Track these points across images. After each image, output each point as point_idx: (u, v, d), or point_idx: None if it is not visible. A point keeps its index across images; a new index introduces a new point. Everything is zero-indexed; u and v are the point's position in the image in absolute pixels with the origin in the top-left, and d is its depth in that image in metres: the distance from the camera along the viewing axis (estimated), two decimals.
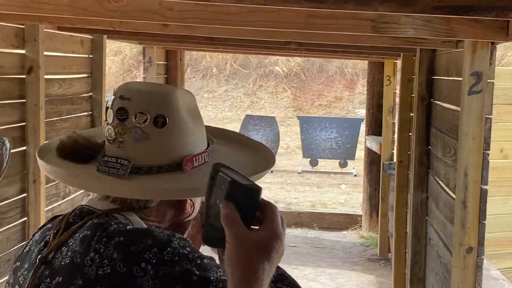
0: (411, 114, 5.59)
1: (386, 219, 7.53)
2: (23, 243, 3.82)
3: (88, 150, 1.32)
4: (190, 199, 1.34)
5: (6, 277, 1.30)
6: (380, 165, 7.86)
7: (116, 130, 1.27)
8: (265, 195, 7.81)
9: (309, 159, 13.17)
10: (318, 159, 13.16)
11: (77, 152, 1.31)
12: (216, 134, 1.44)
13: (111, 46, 18.36)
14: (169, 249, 1.13)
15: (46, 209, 4.74)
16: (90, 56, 5.74)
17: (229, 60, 22.54)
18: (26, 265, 1.25)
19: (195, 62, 22.07)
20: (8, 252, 4.27)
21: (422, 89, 4.77)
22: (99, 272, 1.12)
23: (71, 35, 5.31)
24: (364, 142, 8.77)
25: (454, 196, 3.65)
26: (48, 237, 1.26)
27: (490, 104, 3.24)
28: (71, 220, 1.26)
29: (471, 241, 3.30)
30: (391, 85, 7.67)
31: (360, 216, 8.87)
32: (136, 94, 1.28)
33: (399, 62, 6.94)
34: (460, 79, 3.46)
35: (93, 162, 1.30)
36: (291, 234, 8.31)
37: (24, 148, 4.51)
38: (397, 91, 6.80)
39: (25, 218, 4.56)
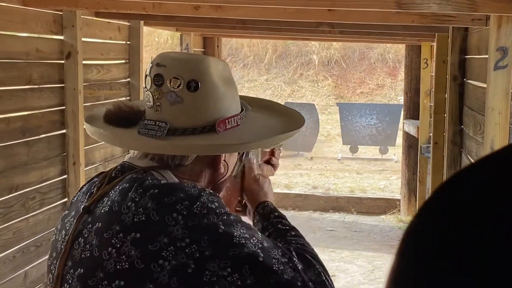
0: (446, 95, 5.59)
1: None
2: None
3: (130, 115, 1.43)
4: (224, 160, 1.44)
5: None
6: (418, 149, 7.85)
7: (153, 95, 1.37)
8: (303, 180, 7.91)
9: (349, 146, 13.16)
10: (358, 146, 13.14)
11: (120, 117, 1.43)
12: (251, 102, 1.55)
13: (148, 38, 18.58)
14: (198, 202, 1.24)
15: None
16: (128, 42, 5.88)
17: (269, 49, 22.59)
18: (73, 213, 1.39)
19: (235, 51, 22.19)
20: (49, 231, 4.43)
21: (455, 69, 4.78)
22: (135, 219, 1.25)
23: (109, 22, 5.44)
24: (402, 126, 8.75)
25: None
26: (93, 189, 1.39)
27: None
28: (113, 174, 1.39)
29: None
30: (428, 68, 7.64)
31: (399, 200, 8.86)
32: (171, 61, 1.38)
33: (435, 45, 6.92)
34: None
35: (135, 127, 1.41)
36: (329, 219, 8.36)
37: (64, 131, 4.66)
38: (433, 73, 6.78)
39: (66, 199, 4.71)
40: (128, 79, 5.90)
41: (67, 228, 1.37)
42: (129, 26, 5.85)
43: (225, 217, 1.25)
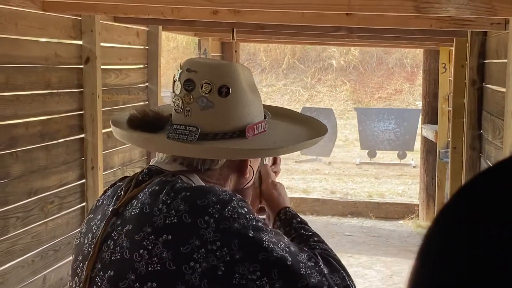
0: (464, 100, 5.56)
1: None
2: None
3: (157, 120, 1.44)
4: (250, 165, 1.46)
5: (70, 258, 1.45)
6: (436, 154, 7.81)
7: (183, 100, 1.39)
8: (321, 185, 7.89)
9: (367, 151, 13.12)
10: (377, 151, 13.09)
11: (147, 122, 1.43)
12: (270, 111, 1.57)
13: (163, 43, 18.66)
14: (229, 207, 1.26)
15: None
16: (146, 47, 5.91)
17: (287, 54, 22.61)
18: (99, 216, 1.39)
19: (253, 56, 22.23)
20: (68, 235, 4.46)
21: (473, 73, 4.75)
22: (167, 221, 1.26)
23: (127, 27, 5.47)
24: (421, 131, 8.71)
25: None
26: (119, 193, 1.39)
27: None
28: (140, 178, 1.39)
29: None
30: (446, 73, 7.61)
31: (417, 205, 8.81)
32: (202, 67, 1.39)
33: (453, 49, 6.89)
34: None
35: (161, 132, 1.42)
36: (347, 224, 8.33)
37: (83, 135, 4.69)
38: (452, 78, 6.74)
39: (84, 204, 4.74)
40: (146, 84, 5.92)
41: (94, 231, 1.38)
42: (147, 31, 5.88)
43: (254, 222, 1.26)
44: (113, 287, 1.29)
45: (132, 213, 1.32)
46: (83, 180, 4.73)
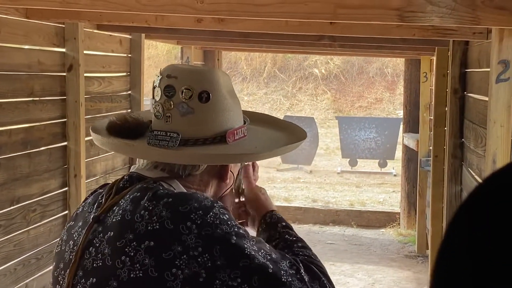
0: (446, 108, 5.60)
1: (424, 216, 7.52)
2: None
3: (138, 127, 1.44)
4: (230, 170, 1.46)
5: (51, 267, 1.45)
6: (417, 162, 7.86)
7: (164, 106, 1.39)
8: (303, 194, 7.94)
9: (348, 159, 13.17)
10: (357, 159, 13.15)
11: (127, 128, 1.43)
12: (250, 116, 1.57)
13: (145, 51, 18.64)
14: (211, 213, 1.26)
15: None
16: (129, 55, 5.89)
17: (268, 63, 22.65)
18: (80, 223, 1.39)
19: (234, 65, 22.25)
20: (50, 244, 4.42)
21: (455, 82, 4.80)
22: (149, 227, 1.26)
23: (110, 35, 5.46)
24: (402, 139, 8.77)
25: None
26: (100, 200, 1.39)
27: None
28: (121, 185, 1.39)
29: None
30: (427, 82, 7.67)
31: (398, 213, 8.86)
32: (182, 73, 1.40)
33: (435, 58, 6.95)
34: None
35: (141, 138, 1.42)
36: (329, 232, 8.35)
37: (65, 143, 4.66)
38: (433, 87, 6.80)
39: (67, 212, 4.71)
40: (129, 92, 5.91)
41: (75, 238, 1.37)
42: (130, 39, 5.87)
43: (236, 229, 1.27)
44: None
45: (114, 220, 1.31)
46: (66, 188, 4.70)
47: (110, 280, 1.27)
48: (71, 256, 1.35)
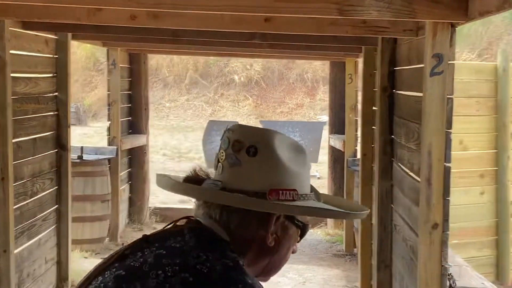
0: (374, 107, 5.72)
1: None
2: None
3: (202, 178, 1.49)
4: (275, 234, 1.43)
5: None
6: (343, 163, 7.99)
7: (219, 157, 1.45)
8: None
9: None
10: None
11: (194, 179, 1.48)
12: (332, 199, 1.56)
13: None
14: None
15: (14, 207, 4.73)
16: (55, 56, 5.75)
17: (189, 69, 22.59)
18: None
19: (155, 71, 22.06)
20: None
21: (384, 80, 4.90)
22: (197, 266, 1.29)
23: (36, 35, 5.32)
24: (328, 141, 8.90)
25: (418, 179, 3.78)
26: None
27: (451, 85, 3.37)
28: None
29: (436, 218, 3.41)
30: (353, 83, 7.82)
31: None
32: (239, 127, 1.47)
33: (360, 60, 7.10)
34: (422, 65, 3.60)
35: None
36: None
37: None
38: (360, 87, 6.95)
39: None
40: (56, 93, 5.77)
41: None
42: (56, 40, 5.73)
43: None
44: (114, 284, 1.31)
45: (132, 263, 1.34)
46: None
47: (136, 282, 1.29)
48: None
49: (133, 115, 8.67)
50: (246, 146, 1.42)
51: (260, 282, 1.39)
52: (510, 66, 6.97)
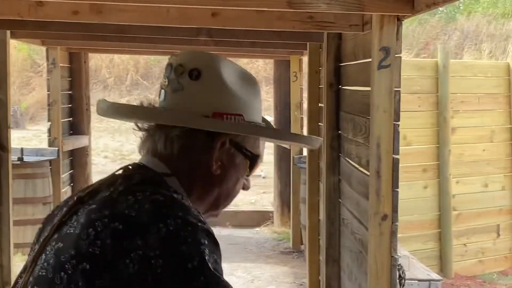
0: (320, 104, 5.75)
1: (298, 213, 7.68)
2: None
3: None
4: (221, 161, 1.35)
5: None
6: (289, 161, 8.02)
7: (162, 85, 1.39)
8: None
9: None
10: None
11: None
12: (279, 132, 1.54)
13: None
14: (190, 229, 1.18)
15: None
16: None
17: (130, 70, 22.35)
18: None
19: (95, 73, 21.74)
20: None
21: (330, 76, 4.93)
22: (90, 249, 1.18)
23: None
24: None
25: (366, 172, 3.81)
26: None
27: (399, 78, 3.40)
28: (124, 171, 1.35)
29: (386, 209, 3.44)
30: (297, 81, 7.86)
31: (272, 212, 9.00)
32: (183, 53, 1.40)
33: (305, 58, 7.14)
34: (368, 60, 3.63)
35: None
36: None
37: None
38: (305, 85, 6.98)
39: None
40: None
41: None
42: None
43: (205, 257, 1.17)
44: (56, 259, 1.22)
45: (68, 231, 1.25)
46: None
47: (70, 248, 1.20)
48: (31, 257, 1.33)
49: (74, 115, 8.51)
50: (189, 70, 1.35)
51: (211, 217, 1.35)
52: (450, 62, 7.13)
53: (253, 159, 1.40)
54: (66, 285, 1.18)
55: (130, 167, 1.35)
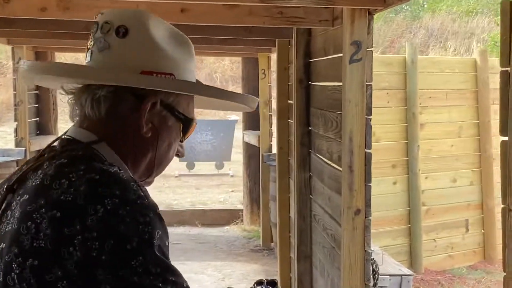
0: (289, 101, 5.75)
1: (268, 210, 7.67)
2: None
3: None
4: (152, 124, 1.30)
5: None
6: (258, 159, 8.01)
7: (88, 44, 1.31)
8: None
9: (185, 163, 13.16)
10: (195, 162, 13.19)
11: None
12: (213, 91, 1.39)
13: None
14: (128, 208, 1.14)
15: None
16: None
17: None
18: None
19: None
20: None
21: (300, 72, 4.92)
22: (61, 197, 1.15)
23: None
24: (242, 137, 8.90)
25: (338, 167, 3.82)
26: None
27: (370, 72, 3.41)
28: (54, 147, 1.30)
29: (359, 203, 3.45)
30: (266, 78, 7.85)
31: (242, 210, 8.98)
32: (110, 10, 1.33)
33: (273, 55, 7.13)
34: (339, 55, 3.64)
35: None
36: (175, 233, 8.29)
37: None
38: (274, 82, 6.97)
39: None
40: None
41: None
42: None
43: (145, 237, 1.13)
44: (1, 261, 1.17)
45: (34, 183, 1.22)
46: None
47: (12, 246, 1.15)
48: None
49: (40, 115, 8.40)
50: (115, 27, 1.29)
51: (145, 185, 1.30)
52: (418, 58, 7.18)
53: (187, 122, 1.35)
54: (19, 284, 1.14)
55: (57, 144, 1.30)
